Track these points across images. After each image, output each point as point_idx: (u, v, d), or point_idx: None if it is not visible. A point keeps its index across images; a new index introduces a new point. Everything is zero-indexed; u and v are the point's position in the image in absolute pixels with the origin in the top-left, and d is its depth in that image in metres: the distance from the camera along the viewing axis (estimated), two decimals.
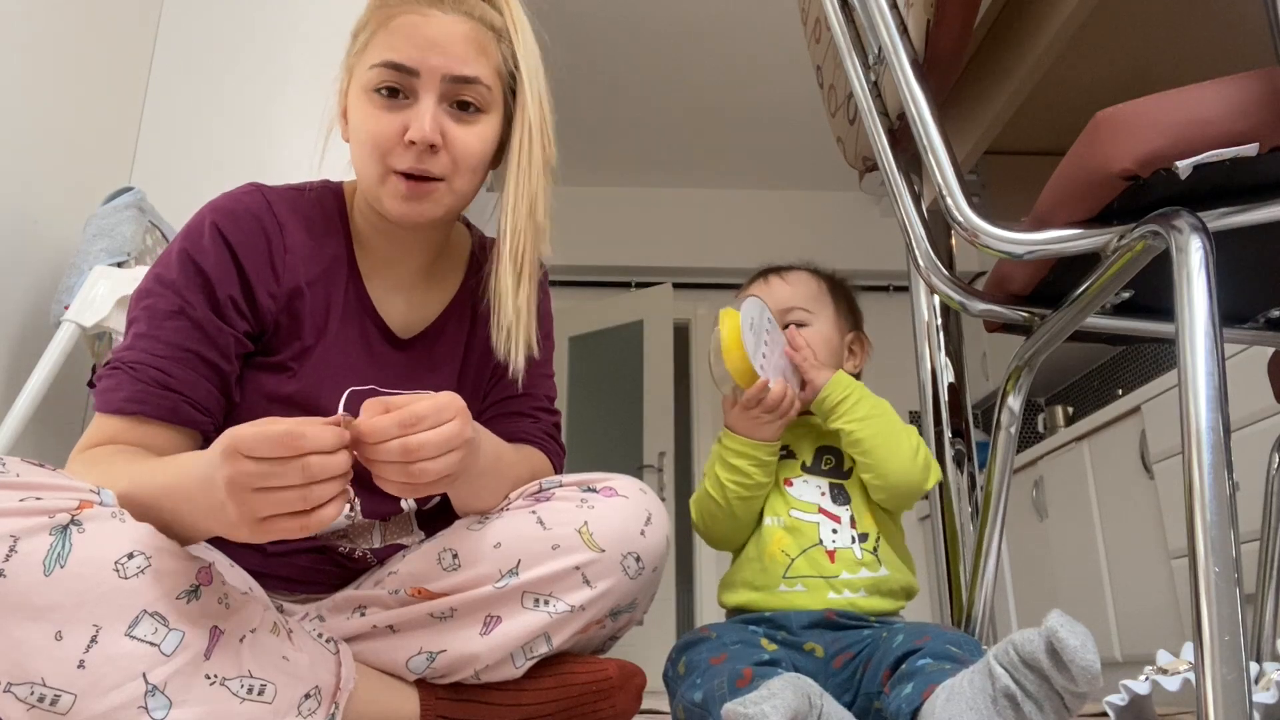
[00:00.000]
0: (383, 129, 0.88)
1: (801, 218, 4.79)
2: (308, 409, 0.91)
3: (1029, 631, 0.71)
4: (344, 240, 0.98)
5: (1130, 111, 0.70)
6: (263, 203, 0.94)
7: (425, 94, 0.88)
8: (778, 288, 1.18)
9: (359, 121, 0.90)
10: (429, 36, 0.88)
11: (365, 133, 0.89)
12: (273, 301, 0.92)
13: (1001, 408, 1.02)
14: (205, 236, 0.90)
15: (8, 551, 0.64)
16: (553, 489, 0.90)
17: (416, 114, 0.87)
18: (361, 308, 0.97)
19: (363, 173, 0.91)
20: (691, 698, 0.90)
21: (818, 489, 1.10)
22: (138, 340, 0.87)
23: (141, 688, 0.66)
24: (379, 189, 0.90)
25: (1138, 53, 1.24)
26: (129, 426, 0.84)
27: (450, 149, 0.89)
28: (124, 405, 0.84)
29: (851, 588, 1.04)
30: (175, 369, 0.86)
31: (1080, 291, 0.82)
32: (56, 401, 1.66)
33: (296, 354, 0.93)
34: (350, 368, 0.95)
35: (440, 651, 0.85)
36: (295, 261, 0.94)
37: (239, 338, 0.90)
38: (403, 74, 0.88)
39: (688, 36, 3.78)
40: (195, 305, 0.88)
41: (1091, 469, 3.14)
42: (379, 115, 0.88)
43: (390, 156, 0.88)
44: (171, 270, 0.89)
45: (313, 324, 0.94)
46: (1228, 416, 0.60)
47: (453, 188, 0.91)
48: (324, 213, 0.98)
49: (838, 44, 1.09)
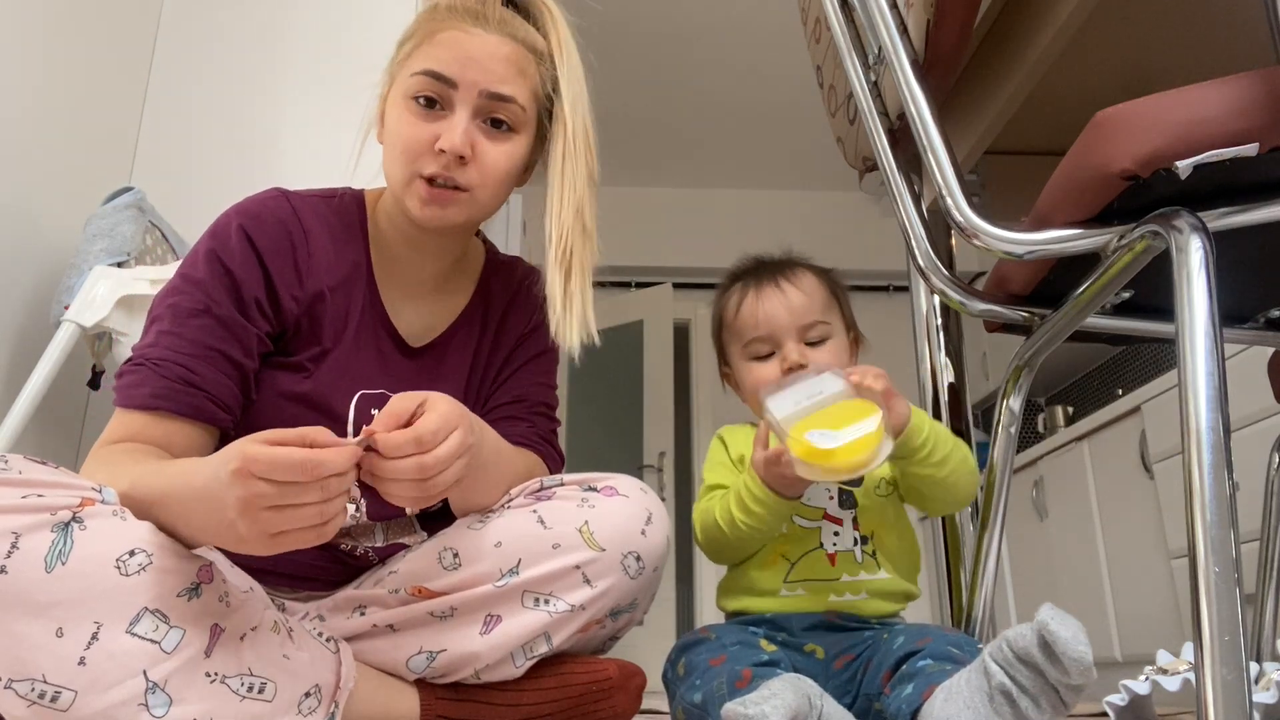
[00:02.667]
0: (416, 135, 0.91)
1: (801, 218, 4.79)
2: (319, 408, 0.93)
3: (1021, 627, 0.71)
4: (364, 248, 1.00)
5: (1130, 111, 0.70)
6: (288, 208, 0.96)
7: (461, 107, 0.91)
8: (793, 296, 1.10)
9: (395, 125, 0.93)
10: (470, 52, 0.91)
11: (399, 137, 0.92)
12: (295, 304, 0.94)
13: (1001, 408, 1.02)
14: (232, 238, 0.92)
15: (9, 548, 0.64)
16: (554, 488, 0.91)
17: (450, 125, 0.90)
18: (376, 315, 0.99)
19: (391, 174, 0.94)
20: (691, 699, 0.90)
21: (827, 493, 1.08)
22: (162, 337, 0.87)
23: (142, 685, 0.67)
24: (404, 191, 0.93)
25: (1138, 53, 1.24)
26: (151, 422, 0.85)
27: (478, 162, 0.92)
28: (148, 401, 0.84)
29: (853, 590, 1.03)
30: (199, 366, 0.86)
31: (1080, 291, 0.82)
32: (56, 401, 1.66)
33: (314, 356, 0.94)
34: (362, 372, 0.96)
35: (440, 651, 0.85)
36: (318, 267, 0.95)
37: (261, 337, 0.91)
38: (441, 84, 0.91)
39: (688, 37, 3.78)
40: (221, 303, 0.89)
41: (1091, 469, 3.14)
42: (414, 122, 0.91)
43: (419, 162, 0.91)
44: (198, 269, 0.90)
45: (332, 329, 0.95)
46: (1228, 416, 0.60)
47: (476, 199, 0.93)
48: (346, 220, 1.00)
49: (838, 44, 1.09)
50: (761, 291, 1.11)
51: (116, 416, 0.86)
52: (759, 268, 1.15)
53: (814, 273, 1.14)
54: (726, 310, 1.14)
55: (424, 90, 0.91)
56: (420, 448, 0.72)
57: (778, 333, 1.08)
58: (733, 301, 1.13)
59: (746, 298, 1.11)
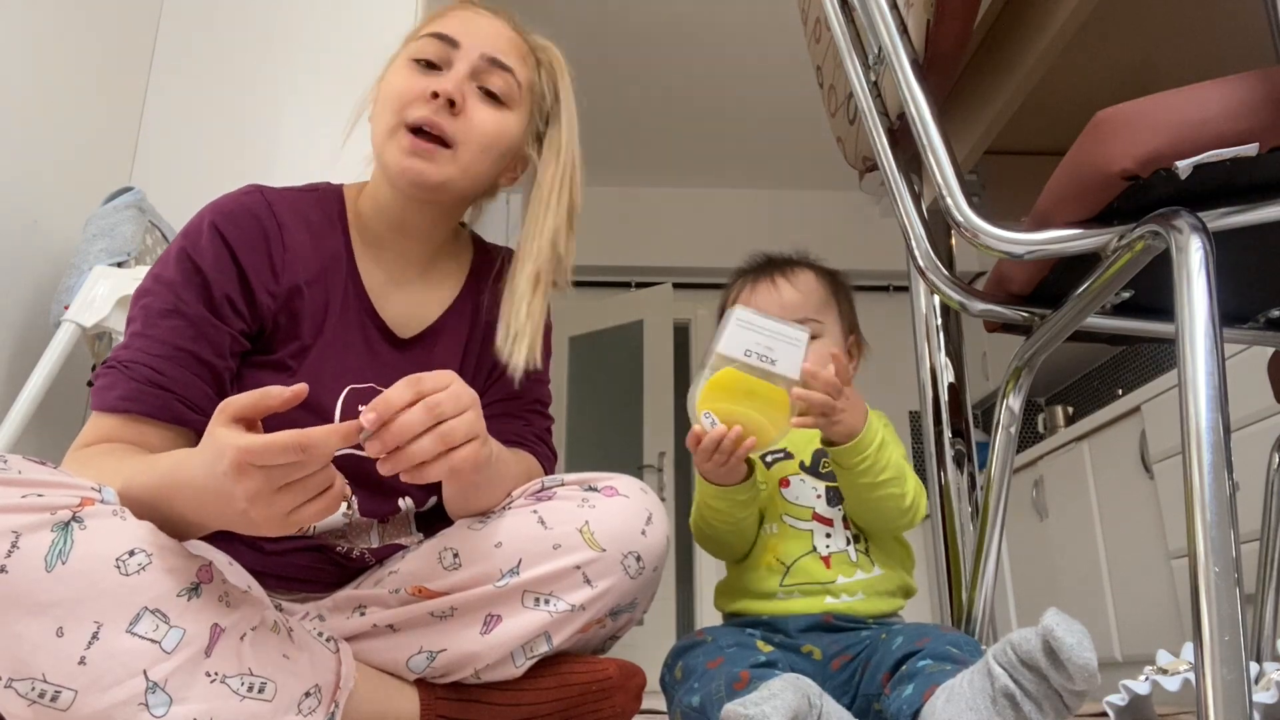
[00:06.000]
0: (409, 85, 0.93)
1: (801, 218, 4.79)
2: (307, 405, 0.91)
3: (1026, 631, 0.71)
4: (343, 239, 0.99)
5: (1130, 111, 0.70)
6: (262, 202, 0.95)
7: (460, 64, 0.93)
8: (786, 292, 1.14)
9: (389, 82, 0.95)
10: (479, 24, 0.96)
11: (392, 88, 0.94)
12: (272, 300, 0.93)
13: (1001, 408, 1.02)
14: (204, 236, 0.91)
15: (10, 548, 0.64)
16: (554, 488, 0.91)
17: (445, 76, 0.92)
18: (360, 306, 0.98)
19: (377, 126, 0.95)
20: (689, 702, 0.90)
21: (813, 491, 1.09)
22: (134, 339, 0.88)
23: (142, 684, 0.67)
24: (387, 142, 0.93)
25: (1138, 53, 1.24)
26: (123, 425, 0.85)
27: (466, 118, 0.93)
28: (117, 403, 0.85)
29: (849, 591, 1.04)
30: (168, 367, 0.86)
31: (1080, 291, 0.82)
32: (56, 402, 1.66)
33: (295, 352, 0.94)
34: (349, 366, 0.96)
35: (440, 650, 0.85)
36: (294, 261, 0.94)
37: (235, 336, 0.90)
38: (444, 44, 0.94)
39: (687, 37, 3.78)
40: (190, 303, 0.88)
41: (1091, 469, 3.14)
42: (411, 76, 0.94)
43: (408, 109, 0.92)
44: (169, 269, 0.90)
45: (311, 323, 0.95)
46: (1228, 416, 0.60)
47: (458, 158, 0.93)
48: (324, 213, 0.99)
49: (838, 44, 1.09)
50: (758, 285, 1.15)
51: (92, 420, 0.86)
52: (765, 264, 1.19)
53: (816, 272, 1.16)
54: (725, 302, 1.19)
55: (425, 52, 0.94)
56: (433, 416, 0.72)
57: None
58: (732, 294, 1.18)
59: (744, 290, 1.17)
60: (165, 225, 1.79)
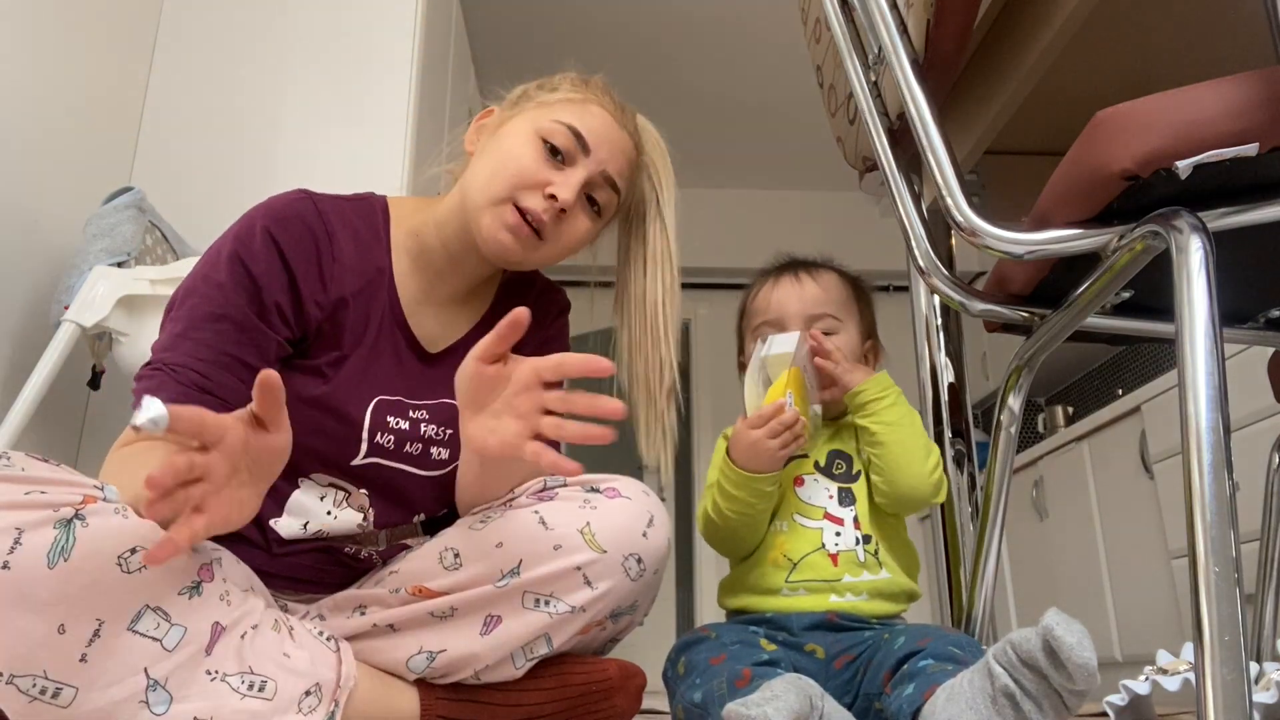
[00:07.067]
0: (534, 168, 0.95)
1: (801, 218, 4.79)
2: (335, 413, 0.93)
3: (1026, 630, 0.71)
4: (385, 254, 1.00)
5: (1130, 111, 0.70)
6: (313, 210, 0.96)
7: (580, 169, 0.96)
8: (808, 286, 1.15)
9: (514, 148, 0.96)
10: (611, 135, 1.00)
11: (514, 159, 0.95)
12: (319, 310, 0.93)
13: (1001, 408, 1.02)
14: (257, 240, 0.91)
15: (12, 544, 0.64)
16: (556, 488, 0.91)
17: (566, 177, 0.95)
18: (395, 321, 0.99)
19: (483, 188, 0.96)
20: (691, 698, 0.90)
21: (826, 491, 1.09)
22: (179, 341, 0.87)
23: (143, 682, 0.67)
24: (488, 208, 0.94)
25: (1138, 53, 1.24)
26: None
27: (567, 223, 0.97)
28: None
29: (854, 591, 1.04)
30: (214, 372, 0.86)
31: (1080, 291, 0.82)
32: (56, 401, 1.66)
33: (333, 361, 0.94)
34: (379, 378, 0.97)
35: (440, 651, 0.85)
36: (343, 272, 0.95)
37: (280, 343, 0.91)
38: (578, 144, 0.96)
39: (687, 36, 3.78)
40: (240, 309, 0.88)
41: (1091, 469, 3.14)
42: (537, 157, 0.95)
43: (524, 192, 0.94)
44: (220, 271, 0.89)
45: (352, 334, 0.95)
46: (1228, 416, 0.60)
47: (542, 251, 0.97)
48: (369, 225, 1.00)
49: (838, 44, 1.09)
50: (780, 281, 1.17)
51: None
52: (789, 262, 1.20)
53: (839, 274, 1.18)
54: (747, 297, 1.20)
55: (559, 139, 0.96)
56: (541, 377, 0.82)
57: (785, 318, 1.12)
58: (754, 290, 1.19)
59: (765, 286, 1.18)
60: (165, 225, 1.79)
